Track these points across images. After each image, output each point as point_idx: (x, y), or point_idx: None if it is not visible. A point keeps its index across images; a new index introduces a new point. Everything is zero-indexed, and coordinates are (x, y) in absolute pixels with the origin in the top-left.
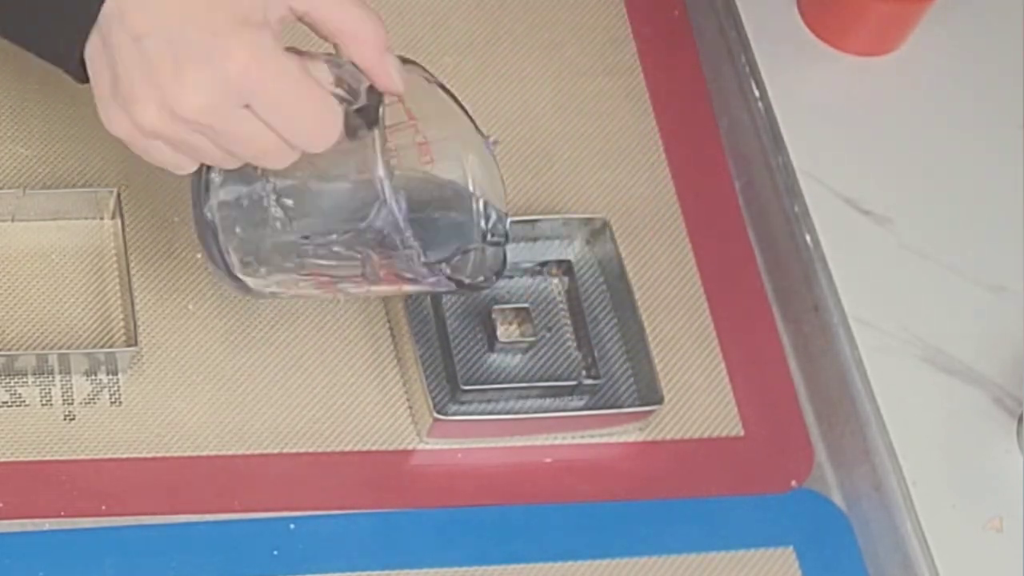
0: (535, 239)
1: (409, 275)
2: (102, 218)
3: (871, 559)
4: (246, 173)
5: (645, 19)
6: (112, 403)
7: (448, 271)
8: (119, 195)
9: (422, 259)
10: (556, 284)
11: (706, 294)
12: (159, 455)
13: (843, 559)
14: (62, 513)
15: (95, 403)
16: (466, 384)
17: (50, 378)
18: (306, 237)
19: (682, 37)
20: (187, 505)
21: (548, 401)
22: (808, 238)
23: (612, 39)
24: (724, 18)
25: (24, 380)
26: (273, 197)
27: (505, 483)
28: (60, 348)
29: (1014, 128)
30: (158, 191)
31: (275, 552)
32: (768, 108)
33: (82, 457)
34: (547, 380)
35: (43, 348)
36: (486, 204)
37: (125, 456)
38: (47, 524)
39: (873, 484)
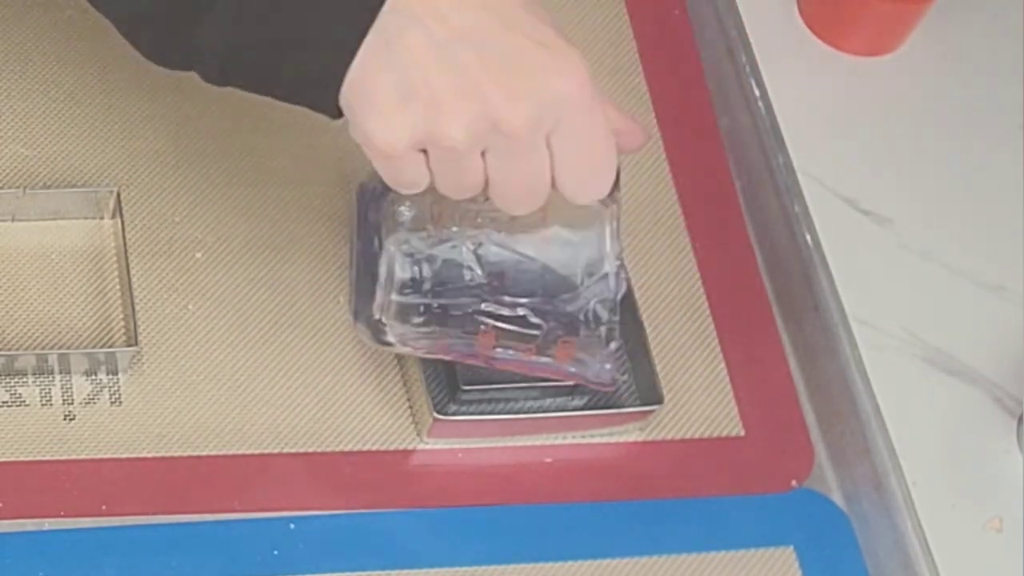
0: None
1: (585, 358)
2: (102, 218)
3: (871, 559)
4: (438, 217)
5: (645, 19)
6: (112, 403)
7: (616, 369)
8: (119, 195)
9: (613, 345)
10: None
11: (706, 294)
12: (159, 455)
13: (843, 559)
14: (62, 513)
15: (95, 403)
16: (466, 384)
17: (50, 378)
18: (495, 297)
19: (682, 37)
20: (187, 505)
21: (548, 401)
22: (808, 238)
23: (612, 39)
24: (724, 18)
25: (24, 380)
26: (471, 247)
27: (505, 483)
28: (60, 348)
29: (1014, 128)
30: (158, 191)
31: (275, 552)
32: (768, 108)
33: (82, 457)
34: (547, 380)
35: (43, 348)
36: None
37: (125, 456)
38: (47, 524)
39: (873, 484)
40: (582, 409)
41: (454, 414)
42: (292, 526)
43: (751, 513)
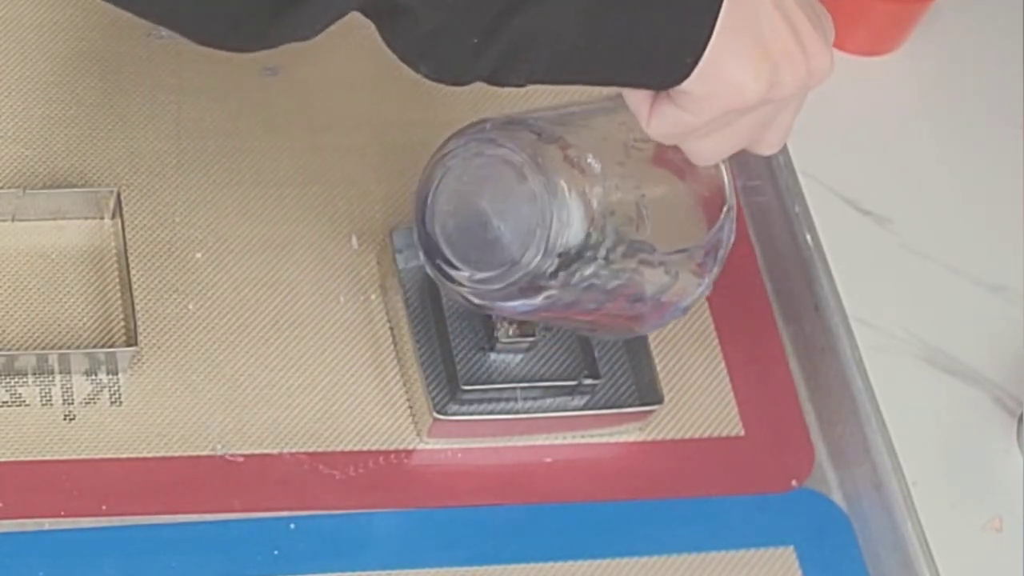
0: None
1: (688, 298)
2: (102, 218)
3: (871, 559)
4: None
5: None
6: (112, 403)
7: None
8: (119, 195)
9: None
10: None
11: None
12: (159, 455)
13: (843, 559)
14: (62, 513)
15: (95, 403)
16: (466, 384)
17: (50, 378)
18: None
19: None
20: (187, 505)
21: (548, 401)
22: (808, 238)
23: None
24: None
25: (24, 380)
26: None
27: (505, 483)
28: (60, 348)
29: (1014, 128)
30: (158, 191)
31: (275, 552)
32: None
33: (82, 457)
34: (547, 380)
35: (43, 348)
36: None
37: (125, 456)
38: (47, 524)
39: (873, 484)
40: (582, 409)
41: (454, 414)
42: (292, 526)
43: (751, 513)
